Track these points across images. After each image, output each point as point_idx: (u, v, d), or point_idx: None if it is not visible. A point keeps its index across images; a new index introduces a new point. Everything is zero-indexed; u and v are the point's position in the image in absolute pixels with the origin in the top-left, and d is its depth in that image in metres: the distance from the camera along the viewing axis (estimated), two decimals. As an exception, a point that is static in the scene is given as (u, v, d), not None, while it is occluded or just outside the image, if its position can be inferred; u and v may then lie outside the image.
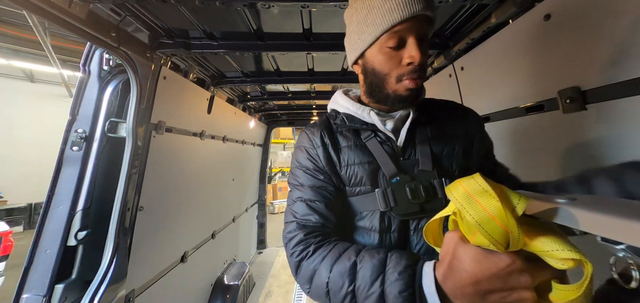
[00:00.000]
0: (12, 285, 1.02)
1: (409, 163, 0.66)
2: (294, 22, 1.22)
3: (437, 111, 0.73)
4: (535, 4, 0.87)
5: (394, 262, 0.47)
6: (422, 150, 0.66)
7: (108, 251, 1.06)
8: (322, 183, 0.67)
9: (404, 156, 0.67)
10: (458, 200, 0.39)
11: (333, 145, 0.70)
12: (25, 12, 3.28)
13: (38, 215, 1.11)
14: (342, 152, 0.69)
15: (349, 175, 0.67)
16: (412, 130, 0.67)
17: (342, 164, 0.68)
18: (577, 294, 0.32)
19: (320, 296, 0.53)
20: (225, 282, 2.20)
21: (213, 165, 2.13)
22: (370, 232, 0.65)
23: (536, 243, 0.35)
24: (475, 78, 1.25)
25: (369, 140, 0.68)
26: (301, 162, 0.71)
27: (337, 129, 0.72)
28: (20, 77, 7.42)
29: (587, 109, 0.75)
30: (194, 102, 1.69)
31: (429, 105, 0.74)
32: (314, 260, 0.55)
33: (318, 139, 0.70)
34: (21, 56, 6.09)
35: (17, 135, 7.28)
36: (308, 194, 0.66)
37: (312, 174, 0.68)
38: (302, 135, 0.75)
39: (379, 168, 0.66)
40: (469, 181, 0.39)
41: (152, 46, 1.21)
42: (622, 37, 0.64)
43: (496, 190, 0.36)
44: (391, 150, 0.67)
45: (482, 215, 0.35)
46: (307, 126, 0.76)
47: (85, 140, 1.08)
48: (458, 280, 0.38)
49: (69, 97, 4.96)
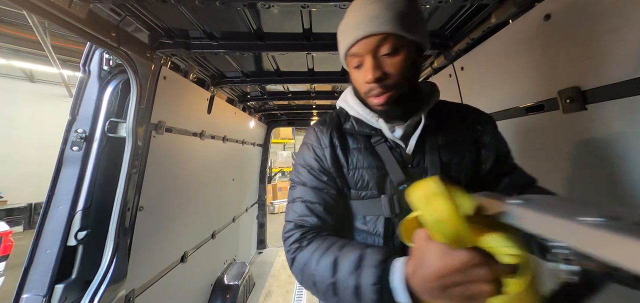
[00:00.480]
0: (12, 285, 1.02)
1: (418, 172, 0.65)
2: (294, 22, 1.22)
3: (449, 117, 0.71)
4: (535, 4, 0.87)
5: (371, 256, 0.50)
6: (431, 159, 0.65)
7: (108, 251, 1.06)
8: (325, 185, 0.67)
9: (413, 163, 0.66)
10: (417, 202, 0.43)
11: (342, 146, 0.69)
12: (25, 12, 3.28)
13: (38, 215, 1.11)
14: (350, 154, 0.68)
15: (356, 178, 0.67)
16: (422, 137, 0.66)
17: (349, 167, 0.67)
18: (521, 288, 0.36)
19: (309, 286, 0.58)
20: (225, 282, 2.20)
21: (213, 165, 2.13)
22: (374, 236, 0.66)
23: (487, 240, 0.39)
24: (475, 78, 1.25)
25: (378, 145, 0.67)
26: (306, 160, 0.70)
27: (346, 130, 0.71)
28: (20, 77, 7.42)
29: (587, 109, 0.75)
30: (194, 102, 1.69)
31: (442, 109, 0.72)
32: (306, 253, 0.59)
33: (327, 139, 0.69)
34: (21, 56, 6.09)
35: (17, 135, 7.28)
36: (309, 195, 0.66)
37: (316, 175, 0.68)
38: (310, 133, 0.73)
39: (387, 174, 0.65)
40: (428, 183, 0.43)
41: (152, 46, 1.21)
42: (622, 37, 0.64)
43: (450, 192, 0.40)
44: (400, 156, 0.66)
45: (436, 215, 0.40)
46: (316, 123, 0.75)
47: (85, 140, 1.08)
48: (424, 275, 0.41)
49: (69, 97, 4.96)
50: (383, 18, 0.56)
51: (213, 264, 2.20)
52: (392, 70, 0.58)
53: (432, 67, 1.57)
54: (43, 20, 2.63)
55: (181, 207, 1.63)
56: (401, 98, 0.61)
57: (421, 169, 0.65)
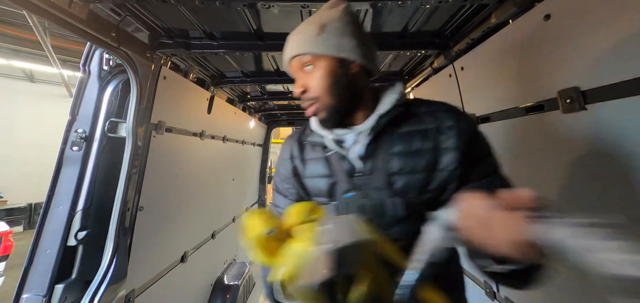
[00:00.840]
0: (12, 285, 1.02)
1: (367, 180, 0.66)
2: (294, 22, 1.22)
3: (415, 121, 0.68)
4: (535, 4, 0.87)
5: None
6: (380, 167, 0.65)
7: (108, 251, 1.06)
8: (289, 191, 0.78)
9: (364, 171, 0.67)
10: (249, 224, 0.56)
11: (301, 156, 0.78)
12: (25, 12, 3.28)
13: (38, 215, 1.11)
14: (307, 164, 0.76)
15: (311, 186, 0.74)
16: (377, 144, 0.67)
17: (307, 175, 0.75)
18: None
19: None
20: (225, 282, 2.20)
21: (213, 165, 2.13)
22: None
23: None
24: (475, 78, 1.25)
25: (331, 154, 0.72)
26: (277, 168, 0.84)
27: (307, 141, 0.78)
28: (20, 77, 7.43)
29: (587, 109, 0.75)
30: (194, 102, 1.69)
31: (411, 113, 0.69)
32: None
33: (288, 150, 0.80)
34: (21, 56, 6.10)
35: (17, 135, 7.29)
36: (277, 200, 0.80)
37: (282, 182, 0.80)
38: (282, 146, 0.85)
39: (337, 182, 0.70)
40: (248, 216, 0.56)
41: (152, 46, 1.21)
42: (622, 37, 0.64)
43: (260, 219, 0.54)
44: (349, 165, 0.69)
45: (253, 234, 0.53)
46: (288, 136, 0.86)
47: (85, 140, 1.08)
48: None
49: (69, 97, 4.96)
50: (299, 40, 0.66)
51: (213, 264, 2.20)
52: (312, 84, 0.65)
53: (432, 67, 1.57)
54: (43, 20, 2.63)
55: (181, 207, 1.63)
56: (330, 109, 0.66)
57: (366, 178, 0.67)
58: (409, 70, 1.84)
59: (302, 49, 0.65)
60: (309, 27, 0.65)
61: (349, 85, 0.66)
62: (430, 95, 1.72)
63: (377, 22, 1.22)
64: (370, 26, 1.25)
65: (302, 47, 0.65)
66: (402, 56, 1.64)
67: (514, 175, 0.64)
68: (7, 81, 7.12)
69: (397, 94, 0.68)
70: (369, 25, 1.24)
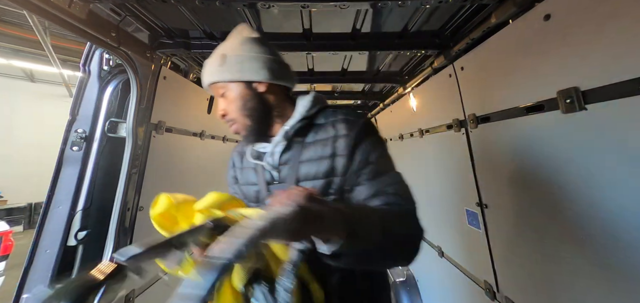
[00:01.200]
0: (12, 285, 1.02)
1: (281, 187, 0.73)
2: (294, 22, 1.22)
3: (318, 129, 0.74)
4: (535, 4, 0.87)
5: None
6: (291, 174, 0.72)
7: (108, 251, 1.06)
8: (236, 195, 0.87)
9: (280, 178, 0.74)
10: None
11: (238, 165, 0.88)
12: (26, 12, 3.28)
13: (38, 215, 1.11)
14: (242, 172, 0.86)
15: (245, 192, 0.83)
16: (288, 152, 0.74)
17: (242, 183, 0.85)
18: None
19: None
20: (225, 282, 2.20)
21: (213, 165, 2.13)
22: None
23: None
24: (475, 78, 1.25)
25: (257, 164, 0.79)
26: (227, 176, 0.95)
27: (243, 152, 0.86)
28: (21, 76, 7.43)
29: (587, 109, 0.75)
30: (193, 102, 1.69)
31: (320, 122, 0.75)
32: None
33: (231, 161, 0.93)
34: (21, 56, 6.10)
35: (17, 135, 7.29)
36: None
37: (229, 187, 0.91)
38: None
39: (260, 190, 0.78)
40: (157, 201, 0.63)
41: (152, 46, 1.21)
42: (622, 37, 0.64)
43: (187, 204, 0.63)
44: (269, 174, 0.77)
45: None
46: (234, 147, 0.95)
47: (85, 140, 1.08)
48: None
49: (69, 97, 4.96)
50: (209, 71, 0.74)
51: (213, 264, 2.20)
52: (228, 108, 0.74)
53: (432, 67, 1.57)
54: (43, 20, 2.63)
55: (181, 207, 1.63)
56: (247, 128, 0.74)
57: (281, 185, 0.74)
58: (409, 70, 1.84)
59: (212, 79, 0.73)
60: (213, 59, 0.73)
61: (259, 104, 0.73)
62: (431, 94, 1.72)
63: (377, 22, 1.22)
64: (370, 26, 1.25)
65: (212, 77, 0.73)
66: (402, 56, 1.64)
67: (514, 175, 0.64)
68: (7, 81, 7.13)
69: (303, 108, 0.75)
70: (369, 25, 1.24)
